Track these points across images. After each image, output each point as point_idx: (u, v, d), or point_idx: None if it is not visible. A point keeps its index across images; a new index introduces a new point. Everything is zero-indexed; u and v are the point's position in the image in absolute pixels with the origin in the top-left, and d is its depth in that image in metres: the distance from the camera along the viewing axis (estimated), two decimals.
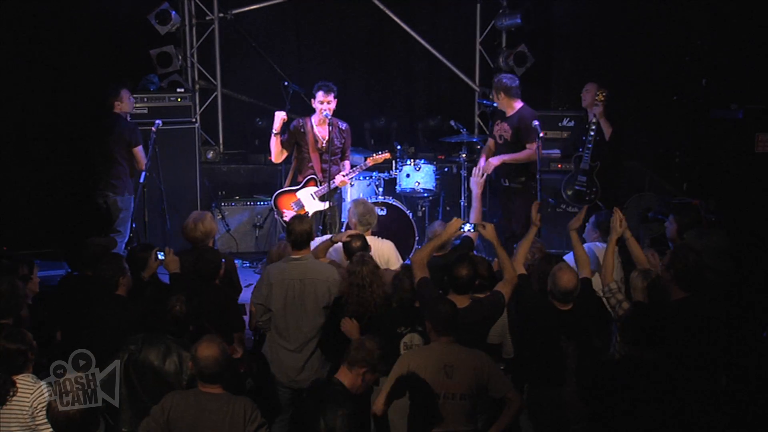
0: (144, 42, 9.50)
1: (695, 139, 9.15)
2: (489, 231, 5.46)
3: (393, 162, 8.76)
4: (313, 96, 7.49)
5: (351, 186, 8.43)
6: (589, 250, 5.86)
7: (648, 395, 4.27)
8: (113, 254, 5.70)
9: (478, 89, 10.21)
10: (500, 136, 7.69)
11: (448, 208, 9.39)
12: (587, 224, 6.24)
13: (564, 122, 9.07)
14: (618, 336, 5.04)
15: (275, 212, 7.98)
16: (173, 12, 9.47)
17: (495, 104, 7.90)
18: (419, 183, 8.69)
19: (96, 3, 8.89)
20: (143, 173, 7.66)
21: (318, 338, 5.38)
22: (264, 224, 9.24)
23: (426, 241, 6.10)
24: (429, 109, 10.59)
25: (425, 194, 8.85)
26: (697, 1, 9.13)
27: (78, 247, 5.99)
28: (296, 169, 7.77)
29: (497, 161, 7.53)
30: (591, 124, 7.58)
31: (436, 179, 8.80)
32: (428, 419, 4.55)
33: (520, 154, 7.46)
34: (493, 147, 7.78)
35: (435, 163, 8.94)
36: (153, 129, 7.78)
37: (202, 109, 9.95)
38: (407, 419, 4.66)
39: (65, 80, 9.04)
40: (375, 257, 5.67)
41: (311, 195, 7.60)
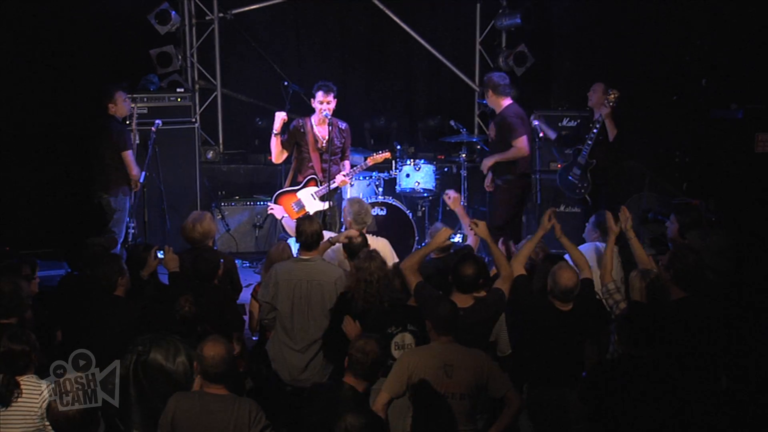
0: (144, 42, 9.50)
1: (695, 139, 9.14)
2: (482, 228, 5.47)
3: (393, 162, 8.76)
4: (313, 96, 7.48)
5: (351, 186, 8.42)
6: (590, 250, 5.86)
7: (648, 395, 4.26)
8: (112, 255, 5.71)
9: (478, 89, 10.20)
10: (489, 135, 7.84)
11: (448, 208, 9.37)
12: (587, 224, 6.24)
13: (564, 122, 9.06)
14: (616, 336, 5.03)
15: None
16: (173, 12, 9.48)
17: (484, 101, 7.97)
18: (419, 183, 8.69)
19: (96, 3, 8.88)
20: (143, 173, 7.66)
21: (323, 340, 5.37)
22: (264, 224, 9.23)
23: (425, 240, 6.09)
24: (429, 109, 10.59)
25: (425, 194, 8.85)
26: (697, 1, 9.12)
27: (78, 247, 5.99)
28: (296, 169, 7.76)
29: (490, 161, 7.64)
30: (596, 122, 7.58)
31: (436, 179, 8.80)
32: (428, 419, 4.54)
33: (509, 152, 7.51)
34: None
35: (435, 163, 8.95)
36: (153, 129, 7.78)
37: (202, 109, 9.96)
38: (407, 419, 4.65)
39: (65, 80, 9.03)
40: None
41: (312, 195, 7.59)
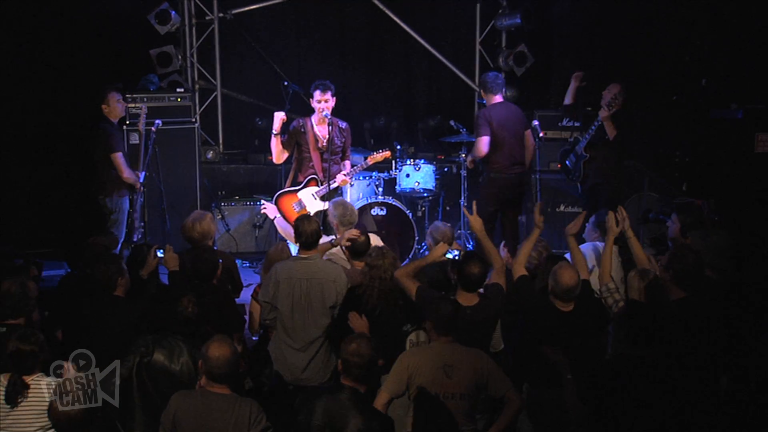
0: (144, 42, 9.50)
1: (695, 139, 9.13)
2: (477, 223, 5.48)
3: (393, 162, 8.76)
4: (311, 95, 7.49)
5: (351, 186, 8.43)
6: (590, 250, 5.86)
7: (648, 395, 4.26)
8: (111, 255, 5.70)
9: (478, 89, 10.20)
10: None
11: (448, 208, 9.40)
12: (587, 224, 6.24)
13: (564, 122, 9.06)
14: (614, 335, 5.03)
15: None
16: (173, 12, 9.48)
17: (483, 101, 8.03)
18: (419, 183, 8.69)
19: (96, 3, 8.87)
20: (142, 173, 7.66)
21: (323, 338, 5.38)
22: (264, 224, 9.23)
23: (425, 240, 6.10)
24: (429, 109, 10.59)
25: (425, 194, 8.85)
26: (697, 1, 9.12)
27: (78, 247, 5.99)
28: (297, 169, 7.75)
29: (469, 158, 8.10)
30: (597, 117, 7.57)
31: (436, 179, 8.80)
32: (428, 419, 4.54)
33: (472, 150, 7.83)
34: None
35: (435, 163, 8.94)
36: (153, 129, 7.78)
37: (202, 109, 9.96)
38: (407, 419, 4.65)
39: (65, 80, 9.03)
40: None
41: (312, 195, 7.59)
